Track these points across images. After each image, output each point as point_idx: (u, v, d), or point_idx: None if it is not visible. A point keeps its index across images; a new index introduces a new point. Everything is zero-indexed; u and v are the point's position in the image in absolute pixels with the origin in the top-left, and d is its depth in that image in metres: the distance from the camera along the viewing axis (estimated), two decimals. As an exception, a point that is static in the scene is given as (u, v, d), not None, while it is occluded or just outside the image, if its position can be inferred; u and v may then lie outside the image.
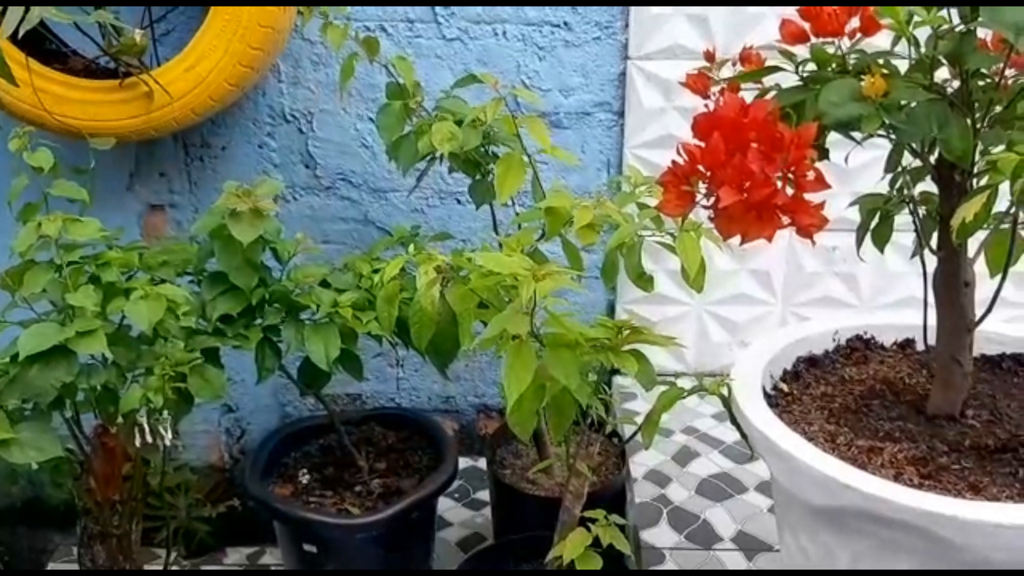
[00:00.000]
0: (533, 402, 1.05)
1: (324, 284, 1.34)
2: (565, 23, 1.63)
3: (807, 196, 0.78)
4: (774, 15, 1.32)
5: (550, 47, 1.64)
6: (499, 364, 1.62)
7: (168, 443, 1.25)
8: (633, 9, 1.59)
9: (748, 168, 0.75)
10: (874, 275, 1.72)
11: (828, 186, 0.76)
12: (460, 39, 1.63)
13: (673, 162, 0.82)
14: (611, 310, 1.82)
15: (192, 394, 1.22)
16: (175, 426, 1.28)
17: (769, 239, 0.77)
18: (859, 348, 1.19)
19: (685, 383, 1.10)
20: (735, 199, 0.76)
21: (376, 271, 1.32)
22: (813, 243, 0.80)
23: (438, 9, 1.61)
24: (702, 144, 0.79)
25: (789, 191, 0.78)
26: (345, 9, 1.44)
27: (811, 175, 0.75)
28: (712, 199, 0.80)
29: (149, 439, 1.23)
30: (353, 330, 1.30)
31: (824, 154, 0.87)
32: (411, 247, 1.22)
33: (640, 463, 1.54)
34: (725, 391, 1.08)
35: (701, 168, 0.80)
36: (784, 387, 1.10)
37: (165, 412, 1.21)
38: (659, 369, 1.81)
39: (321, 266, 1.38)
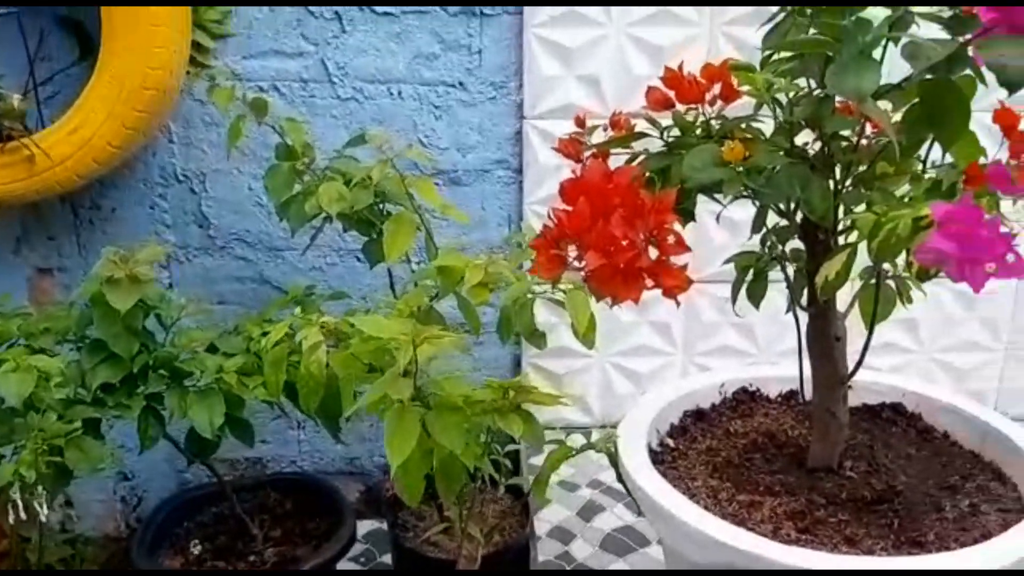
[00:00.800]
0: (420, 467, 1.03)
1: (212, 348, 1.31)
2: (460, 83, 1.64)
3: (672, 259, 0.79)
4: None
5: (446, 106, 1.65)
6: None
7: (44, 518, 1.20)
8: (526, 70, 1.61)
9: (611, 233, 0.76)
10: (769, 324, 1.76)
11: (688, 249, 0.78)
12: (355, 98, 1.63)
13: (544, 226, 0.83)
14: (517, 364, 1.82)
15: (70, 467, 1.17)
16: (53, 500, 1.23)
17: (635, 301, 0.78)
18: (745, 400, 1.21)
19: (581, 438, 1.10)
20: (601, 263, 0.77)
21: (265, 334, 1.29)
22: (678, 304, 0.82)
23: (332, 69, 1.61)
24: (570, 209, 0.80)
25: (654, 254, 0.79)
26: (235, 70, 1.42)
27: (672, 239, 0.77)
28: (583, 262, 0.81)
29: (23, 515, 1.17)
30: (240, 396, 1.26)
31: (690, 217, 0.89)
32: (298, 309, 1.20)
33: (544, 519, 1.53)
34: (613, 447, 1.08)
35: (569, 233, 0.80)
36: (671, 442, 1.11)
37: (41, 487, 1.16)
38: (565, 423, 1.83)
39: (208, 329, 1.35)
